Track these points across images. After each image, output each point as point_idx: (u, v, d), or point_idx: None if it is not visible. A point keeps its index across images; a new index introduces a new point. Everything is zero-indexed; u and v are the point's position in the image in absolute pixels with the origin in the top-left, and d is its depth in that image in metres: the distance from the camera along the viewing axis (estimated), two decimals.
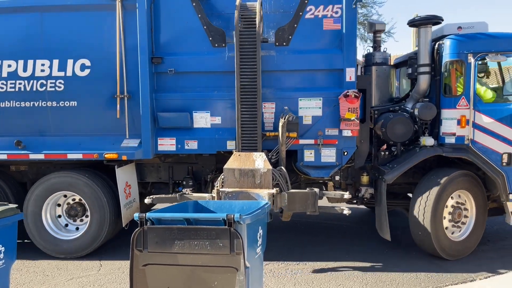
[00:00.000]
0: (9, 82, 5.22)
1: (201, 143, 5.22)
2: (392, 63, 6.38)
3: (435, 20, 5.06)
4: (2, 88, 5.24)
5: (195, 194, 4.96)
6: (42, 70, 5.17)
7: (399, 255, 5.27)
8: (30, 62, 5.16)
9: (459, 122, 4.92)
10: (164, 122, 5.18)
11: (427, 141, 5.00)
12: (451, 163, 5.24)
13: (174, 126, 5.22)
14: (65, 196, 5.44)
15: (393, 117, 5.14)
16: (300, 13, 5.06)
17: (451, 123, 4.97)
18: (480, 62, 4.94)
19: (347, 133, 5.01)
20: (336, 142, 5.12)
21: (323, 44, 5.12)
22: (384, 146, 5.32)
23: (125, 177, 5.40)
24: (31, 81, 5.21)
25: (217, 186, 4.84)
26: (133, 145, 5.19)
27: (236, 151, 5.01)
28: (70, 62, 5.14)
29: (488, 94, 5.02)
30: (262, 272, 3.40)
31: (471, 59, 4.85)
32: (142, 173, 5.85)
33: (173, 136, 5.23)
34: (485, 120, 4.92)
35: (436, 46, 5.08)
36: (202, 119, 5.24)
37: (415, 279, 4.58)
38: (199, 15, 5.11)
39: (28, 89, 5.22)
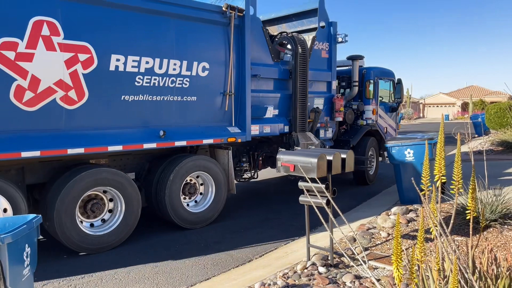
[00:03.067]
0: (145, 77, 5.60)
1: (271, 128, 7.42)
2: None
3: (361, 57, 9.41)
4: (139, 82, 5.55)
5: None
6: (174, 69, 5.90)
7: (190, 249, 5.37)
8: (165, 61, 5.77)
9: (372, 112, 9.51)
10: (254, 113, 7.01)
11: (363, 122, 9.34)
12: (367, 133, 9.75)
13: (256, 116, 7.13)
14: None
15: (347, 110, 9.10)
16: (312, 45, 8.17)
17: (369, 113, 9.49)
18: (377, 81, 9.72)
19: (339, 119, 8.61)
20: (329, 125, 8.60)
21: (321, 66, 8.44)
22: (344, 126, 9.22)
23: None
24: (165, 78, 5.81)
25: None
26: (238, 131, 6.75)
27: (294, 132, 7.61)
28: (195, 63, 6.13)
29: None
30: None
31: (377, 80, 9.54)
32: None
33: (256, 123, 7.13)
34: (380, 111, 9.75)
35: (363, 71, 9.45)
36: (269, 111, 7.41)
37: (203, 269, 4.70)
38: (266, 38, 7.31)
39: (161, 84, 5.79)
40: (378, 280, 3.92)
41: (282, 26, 9.28)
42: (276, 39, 7.85)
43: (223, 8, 6.31)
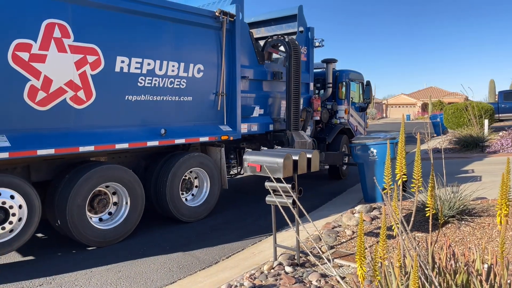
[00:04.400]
0: (147, 78, 5.88)
1: (259, 126, 7.89)
2: None
3: (334, 60, 10.10)
4: (141, 83, 5.82)
5: None
6: (173, 70, 6.21)
7: (155, 251, 5.25)
8: (165, 63, 6.07)
9: (345, 112, 10.23)
10: (242, 113, 7.42)
11: (337, 121, 10.05)
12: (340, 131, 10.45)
13: (245, 116, 7.55)
14: None
15: (323, 110, 9.75)
16: None
17: (342, 112, 10.21)
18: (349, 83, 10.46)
19: (317, 118, 9.23)
20: (308, 124, 9.20)
21: (302, 68, 9.00)
22: (320, 125, 9.87)
23: None
24: (164, 79, 6.11)
25: None
26: (229, 130, 7.15)
27: (288, 131, 8.09)
28: (191, 65, 6.48)
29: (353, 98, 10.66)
30: None
31: (349, 82, 10.28)
32: None
33: (245, 122, 7.56)
34: (351, 110, 10.51)
35: (336, 74, 10.15)
36: (256, 111, 7.88)
37: (168, 272, 4.59)
38: (253, 41, 7.77)
39: (161, 85, 6.08)
40: (343, 278, 3.93)
41: (261, 30, 9.76)
42: (269, 41, 8.29)
43: (216, 13, 6.69)
